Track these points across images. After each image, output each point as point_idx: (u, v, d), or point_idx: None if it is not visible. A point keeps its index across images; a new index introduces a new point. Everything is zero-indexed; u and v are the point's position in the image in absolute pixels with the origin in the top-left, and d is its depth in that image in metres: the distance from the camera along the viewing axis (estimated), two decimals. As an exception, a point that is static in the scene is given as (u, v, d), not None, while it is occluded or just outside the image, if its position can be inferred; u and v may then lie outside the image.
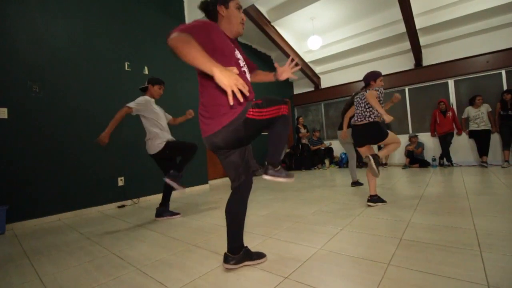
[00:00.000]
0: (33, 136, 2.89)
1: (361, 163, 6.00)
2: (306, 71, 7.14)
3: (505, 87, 5.02)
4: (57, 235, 2.39)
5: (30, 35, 2.94)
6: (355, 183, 3.77)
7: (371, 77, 2.64)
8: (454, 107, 5.61)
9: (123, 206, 3.51)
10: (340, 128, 3.83)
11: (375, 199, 2.59)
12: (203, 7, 1.36)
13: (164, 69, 4.16)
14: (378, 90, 2.50)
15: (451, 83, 5.70)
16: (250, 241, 1.83)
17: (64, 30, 3.21)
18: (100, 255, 1.79)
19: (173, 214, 2.73)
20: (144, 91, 2.77)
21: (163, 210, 2.71)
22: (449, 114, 5.27)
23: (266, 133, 1.33)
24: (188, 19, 4.54)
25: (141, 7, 4.00)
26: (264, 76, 1.61)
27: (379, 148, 5.38)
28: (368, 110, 2.55)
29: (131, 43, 3.80)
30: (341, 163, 6.61)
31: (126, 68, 3.73)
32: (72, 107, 3.19)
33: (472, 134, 5.09)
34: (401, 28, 5.33)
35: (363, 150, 2.69)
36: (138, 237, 2.16)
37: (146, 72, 3.95)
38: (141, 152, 3.77)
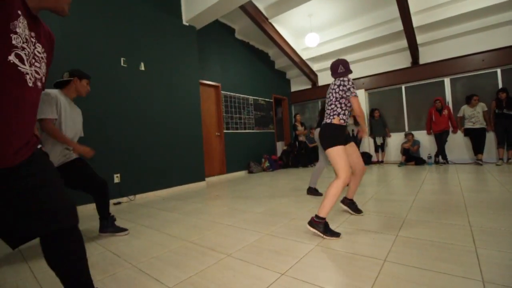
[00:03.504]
0: (27, 132, 2.84)
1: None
2: (304, 68, 7.12)
3: (500, 86, 5.06)
4: (52, 232, 2.36)
5: (23, 30, 2.88)
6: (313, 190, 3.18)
7: None
8: (450, 105, 5.64)
9: (119, 203, 3.49)
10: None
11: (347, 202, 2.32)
12: None
13: (161, 65, 4.12)
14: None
15: (447, 81, 5.73)
16: (247, 238, 1.84)
17: (59, 25, 3.15)
18: (96, 252, 1.78)
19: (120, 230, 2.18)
20: (63, 85, 2.15)
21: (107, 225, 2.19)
22: (445, 112, 5.31)
23: None
24: (184, 14, 4.49)
25: (137, 1, 3.94)
26: None
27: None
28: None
29: (127, 38, 3.75)
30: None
31: (122, 64, 3.68)
32: (66, 103, 3.14)
33: (468, 132, 5.13)
34: (398, 26, 5.33)
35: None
36: (134, 234, 2.15)
37: (143, 68, 3.90)
38: (137, 149, 3.77)
